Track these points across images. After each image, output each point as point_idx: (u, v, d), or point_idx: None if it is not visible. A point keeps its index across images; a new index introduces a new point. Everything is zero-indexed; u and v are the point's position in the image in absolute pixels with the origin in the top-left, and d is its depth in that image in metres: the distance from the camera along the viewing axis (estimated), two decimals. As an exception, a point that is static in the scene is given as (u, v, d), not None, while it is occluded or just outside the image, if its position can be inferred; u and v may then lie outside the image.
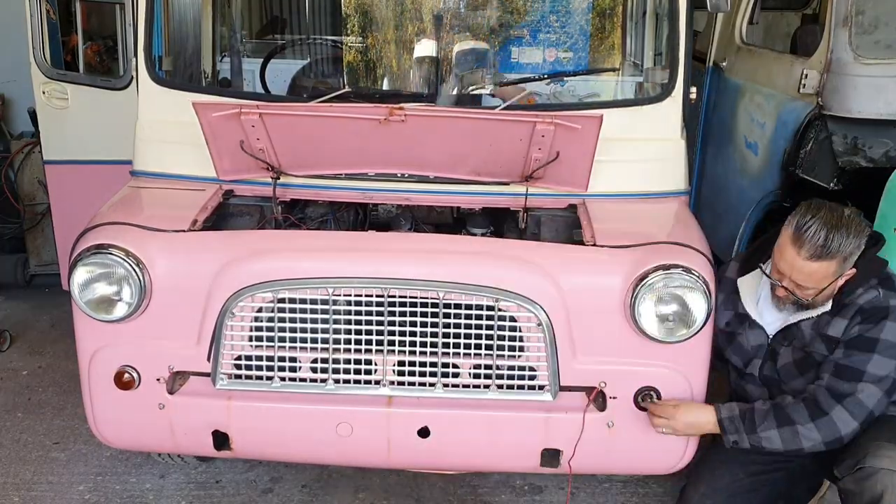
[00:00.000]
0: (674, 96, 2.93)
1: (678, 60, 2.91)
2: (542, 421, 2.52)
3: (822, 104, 3.50)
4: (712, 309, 2.42)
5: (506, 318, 2.44)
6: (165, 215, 2.56)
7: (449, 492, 3.12)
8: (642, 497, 3.13)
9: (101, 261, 2.41)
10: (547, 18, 3.24)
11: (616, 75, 3.38)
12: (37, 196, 4.89)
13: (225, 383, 2.51)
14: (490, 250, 2.55)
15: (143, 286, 2.42)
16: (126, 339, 2.50)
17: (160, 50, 3.05)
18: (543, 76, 3.06)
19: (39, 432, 3.49)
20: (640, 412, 2.50)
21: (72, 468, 3.25)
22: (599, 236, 2.55)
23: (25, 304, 4.81)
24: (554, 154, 2.67)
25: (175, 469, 3.21)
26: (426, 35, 3.38)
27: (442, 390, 2.51)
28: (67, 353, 4.07)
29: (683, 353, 2.47)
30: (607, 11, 3.36)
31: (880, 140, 3.41)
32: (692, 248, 2.49)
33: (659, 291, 2.38)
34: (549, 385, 2.49)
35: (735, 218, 4.19)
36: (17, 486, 3.13)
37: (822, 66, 3.48)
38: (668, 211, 2.85)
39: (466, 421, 2.52)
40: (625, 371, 2.49)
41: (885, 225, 2.94)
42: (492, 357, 2.48)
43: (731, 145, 4.35)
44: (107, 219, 2.58)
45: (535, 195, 2.85)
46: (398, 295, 2.41)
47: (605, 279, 2.46)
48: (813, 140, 3.58)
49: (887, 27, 3.42)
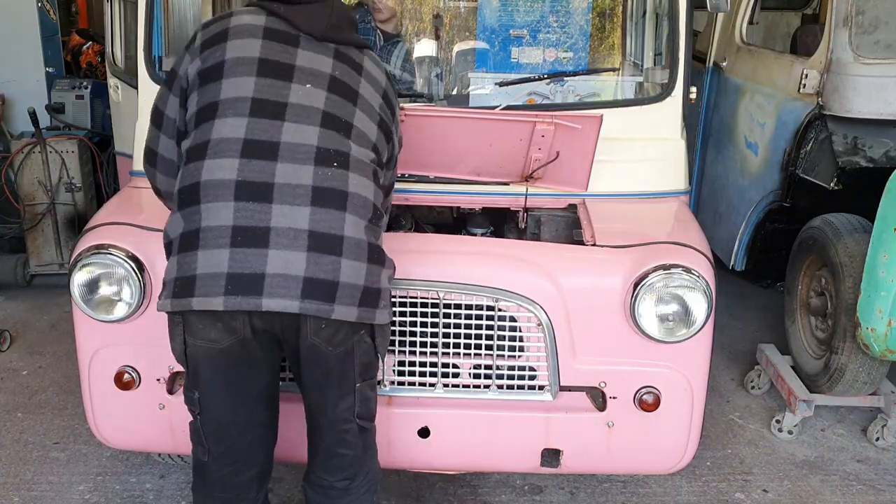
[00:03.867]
0: (674, 96, 2.93)
1: (678, 60, 2.91)
2: (542, 421, 2.52)
3: (822, 104, 3.50)
4: (712, 309, 2.42)
5: (506, 318, 2.44)
6: (165, 215, 2.55)
7: (449, 492, 3.11)
8: (642, 497, 3.13)
9: (102, 261, 2.41)
10: (547, 18, 3.24)
11: (616, 75, 3.38)
12: (37, 196, 4.89)
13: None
14: (490, 250, 2.55)
15: (144, 286, 2.42)
16: (126, 339, 2.50)
17: (160, 50, 3.05)
18: (543, 76, 3.05)
19: (39, 432, 3.49)
20: (640, 412, 2.50)
21: (72, 468, 3.25)
22: (599, 236, 2.55)
23: (25, 304, 4.81)
24: (554, 154, 2.67)
25: (175, 469, 3.21)
26: (426, 35, 3.38)
27: (442, 390, 2.51)
28: (67, 353, 4.08)
29: (683, 353, 2.47)
30: (607, 11, 3.36)
31: (880, 140, 3.41)
32: (692, 248, 2.49)
33: (659, 291, 2.38)
34: (549, 385, 2.49)
35: (735, 218, 4.20)
36: (17, 486, 3.13)
37: (823, 66, 3.49)
38: (668, 211, 2.85)
39: (466, 421, 2.52)
40: (625, 371, 2.49)
41: (885, 225, 2.94)
42: (492, 357, 2.48)
43: (731, 145, 4.36)
44: (107, 219, 2.58)
45: (535, 195, 2.85)
46: (398, 295, 2.41)
47: (605, 279, 2.46)
48: (813, 140, 3.59)
49: (887, 27, 3.43)
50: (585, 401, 2.54)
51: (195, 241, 1.90)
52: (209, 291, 1.87)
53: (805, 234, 3.68)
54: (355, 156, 2.01)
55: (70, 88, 5.51)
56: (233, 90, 1.98)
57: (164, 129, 2.12)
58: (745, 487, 3.22)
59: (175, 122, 2.09)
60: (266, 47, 2.02)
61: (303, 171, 1.92)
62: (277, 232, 1.87)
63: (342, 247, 1.91)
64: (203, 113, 2.00)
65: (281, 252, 1.86)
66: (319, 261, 1.88)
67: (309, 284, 1.87)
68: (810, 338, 3.69)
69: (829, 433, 3.65)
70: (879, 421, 3.52)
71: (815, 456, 3.47)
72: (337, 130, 2.00)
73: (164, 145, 2.14)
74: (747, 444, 3.54)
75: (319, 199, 1.91)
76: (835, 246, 3.37)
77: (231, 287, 1.86)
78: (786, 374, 3.64)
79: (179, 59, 2.09)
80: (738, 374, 4.12)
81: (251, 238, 1.87)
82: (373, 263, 1.97)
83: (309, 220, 1.89)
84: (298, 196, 1.90)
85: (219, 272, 1.86)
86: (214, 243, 1.87)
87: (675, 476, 3.20)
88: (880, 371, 3.36)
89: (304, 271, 1.87)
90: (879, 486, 3.26)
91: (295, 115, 1.97)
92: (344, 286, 1.91)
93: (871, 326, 2.99)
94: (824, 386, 3.47)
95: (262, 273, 1.86)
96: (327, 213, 1.91)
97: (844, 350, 3.30)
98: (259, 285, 1.86)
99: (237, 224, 1.87)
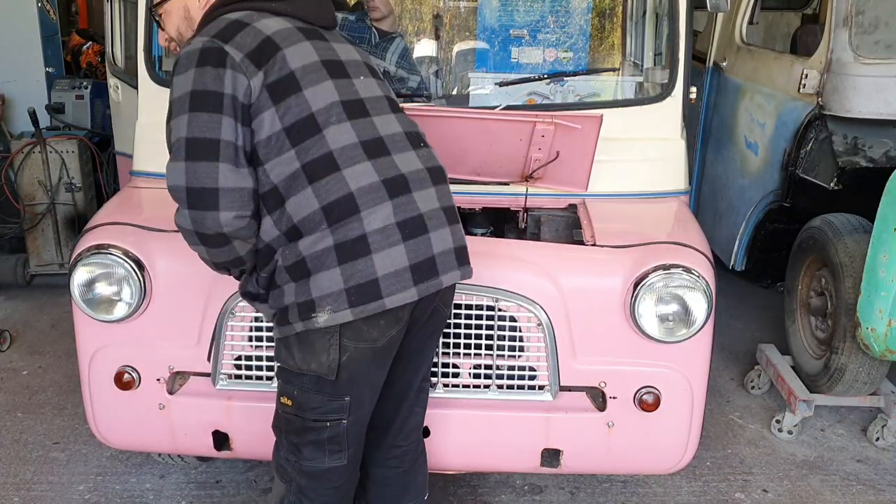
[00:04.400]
0: (674, 96, 2.93)
1: (678, 60, 2.91)
2: (542, 421, 2.51)
3: (822, 104, 3.50)
4: (712, 309, 2.42)
5: (506, 318, 2.44)
6: (165, 215, 2.55)
7: (449, 492, 3.11)
8: (642, 497, 3.13)
9: (102, 261, 2.41)
10: (547, 18, 3.24)
11: (616, 75, 3.38)
12: (37, 196, 4.89)
13: (225, 383, 2.51)
14: (490, 250, 2.55)
15: (143, 286, 2.42)
16: (126, 339, 2.50)
17: (160, 50, 3.05)
18: (543, 76, 3.05)
19: (39, 432, 3.49)
20: (640, 412, 2.50)
21: (72, 468, 3.24)
22: (599, 236, 2.55)
23: (25, 304, 4.81)
24: (554, 154, 2.67)
25: (175, 469, 3.21)
26: (426, 35, 3.38)
27: (442, 390, 2.51)
28: (67, 353, 4.08)
29: (683, 353, 2.47)
30: (607, 11, 3.36)
31: (880, 140, 3.41)
32: (692, 248, 2.49)
33: (659, 291, 2.38)
34: (549, 385, 2.49)
35: (735, 218, 4.20)
36: (17, 486, 3.13)
37: (822, 66, 3.49)
38: (668, 211, 2.85)
39: (466, 421, 2.52)
40: (625, 371, 2.49)
41: (885, 225, 2.94)
42: (492, 357, 2.48)
43: (732, 145, 4.35)
44: (107, 219, 2.58)
45: (535, 195, 2.85)
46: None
47: (605, 279, 2.46)
48: (813, 140, 3.58)
49: (887, 27, 3.43)
50: (585, 401, 2.54)
51: (363, 247, 1.89)
52: (401, 287, 1.93)
53: (805, 234, 3.68)
54: (419, 131, 2.13)
55: (70, 88, 5.52)
56: (321, 99, 1.94)
57: (223, 157, 1.86)
58: (745, 487, 3.22)
59: (238, 146, 1.88)
60: (317, 48, 2.01)
61: (411, 158, 2.03)
62: (428, 216, 1.98)
63: (456, 214, 2.09)
64: (300, 128, 1.90)
65: (436, 233, 1.99)
66: (456, 231, 2.05)
67: (459, 253, 2.05)
68: (810, 338, 3.69)
69: (829, 433, 3.65)
70: (879, 421, 3.52)
71: (815, 456, 3.47)
72: (398, 111, 2.12)
73: (229, 177, 1.87)
74: (747, 444, 3.54)
75: (434, 178, 2.05)
76: (835, 246, 3.37)
77: (417, 277, 1.94)
78: (786, 374, 3.64)
79: (216, 78, 1.86)
80: (738, 374, 4.12)
81: (415, 228, 1.95)
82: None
83: (437, 199, 2.02)
84: (421, 180, 2.01)
85: (402, 267, 1.93)
86: (388, 242, 1.92)
87: (675, 476, 3.20)
88: (880, 371, 3.36)
89: (453, 242, 2.03)
90: (879, 486, 3.26)
91: (374, 109, 2.03)
92: (463, 248, 2.08)
93: (871, 326, 2.99)
94: (824, 386, 3.47)
95: (432, 256, 1.98)
96: (443, 188, 2.07)
97: (844, 350, 3.30)
98: (434, 267, 1.98)
99: (399, 220, 1.93)
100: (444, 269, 1.99)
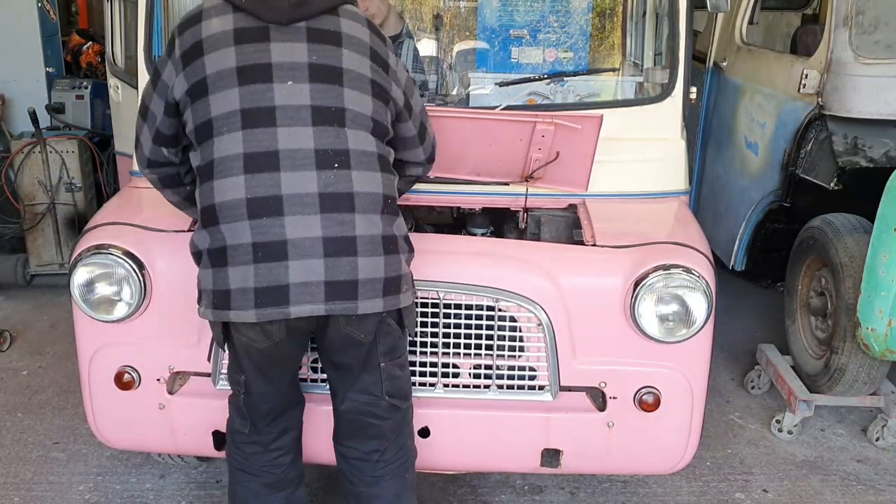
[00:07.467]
0: (674, 96, 2.93)
1: (678, 60, 2.91)
2: (542, 421, 2.51)
3: (822, 104, 3.50)
4: (713, 309, 2.42)
5: (506, 319, 2.44)
6: (165, 215, 2.56)
7: (449, 492, 3.11)
8: (642, 497, 3.13)
9: (101, 261, 2.41)
10: (547, 18, 3.24)
11: (616, 75, 3.38)
12: (37, 196, 4.90)
13: (225, 383, 2.50)
14: (490, 250, 2.55)
15: (143, 286, 2.42)
16: (126, 339, 2.50)
17: (160, 50, 3.05)
18: (543, 76, 3.05)
19: (39, 432, 3.49)
20: (640, 412, 2.50)
21: (72, 468, 3.25)
22: (599, 236, 2.55)
23: (25, 304, 4.81)
24: (554, 154, 2.67)
25: (175, 469, 3.21)
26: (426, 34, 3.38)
27: (442, 390, 2.51)
28: (67, 353, 4.07)
29: (683, 353, 2.47)
30: (607, 11, 3.36)
31: (880, 140, 3.41)
32: (692, 248, 2.48)
33: (659, 291, 2.38)
34: (549, 385, 2.49)
35: (735, 218, 4.20)
36: (17, 486, 3.13)
37: (823, 66, 3.49)
38: (668, 211, 2.85)
39: (466, 421, 2.52)
40: (625, 371, 2.49)
41: (885, 225, 2.94)
42: (492, 357, 2.48)
43: (732, 145, 4.36)
44: (107, 219, 2.58)
45: (535, 195, 2.85)
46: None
47: (605, 279, 2.45)
48: (813, 140, 3.59)
49: (887, 27, 3.43)
50: (585, 401, 2.54)
51: (224, 257, 1.98)
52: (243, 305, 1.98)
53: (805, 234, 3.68)
54: (355, 149, 2.02)
55: (70, 88, 5.51)
56: (221, 106, 1.99)
57: (148, 121, 2.14)
58: (745, 487, 3.22)
59: (157, 120, 2.12)
60: (240, 53, 2.00)
61: (307, 179, 1.96)
62: (294, 243, 1.94)
63: (356, 246, 1.98)
64: (201, 131, 2.03)
65: (300, 261, 1.95)
66: (337, 264, 1.96)
67: (331, 287, 1.97)
68: (810, 338, 3.69)
69: (829, 433, 3.65)
70: (879, 421, 3.52)
71: (815, 456, 3.47)
72: (330, 123, 2.00)
73: (145, 136, 2.17)
74: (747, 444, 3.54)
75: (328, 205, 1.96)
76: (835, 246, 3.37)
77: (260, 300, 1.96)
78: (786, 374, 3.64)
79: (163, 62, 2.09)
80: (738, 374, 4.12)
81: (271, 253, 1.94)
82: (389, 254, 2.04)
83: (321, 228, 1.95)
84: (307, 205, 1.95)
85: (247, 287, 1.96)
86: (240, 260, 1.96)
87: (675, 476, 3.20)
88: (880, 371, 3.36)
89: (325, 276, 1.96)
90: (879, 486, 3.26)
91: (286, 118, 1.97)
92: (364, 282, 1.99)
93: (871, 326, 2.99)
94: (824, 386, 3.47)
95: (285, 284, 1.95)
96: (337, 217, 1.97)
97: (844, 350, 3.30)
98: (285, 295, 1.95)
99: (256, 241, 1.95)
100: (299, 301, 1.95)
